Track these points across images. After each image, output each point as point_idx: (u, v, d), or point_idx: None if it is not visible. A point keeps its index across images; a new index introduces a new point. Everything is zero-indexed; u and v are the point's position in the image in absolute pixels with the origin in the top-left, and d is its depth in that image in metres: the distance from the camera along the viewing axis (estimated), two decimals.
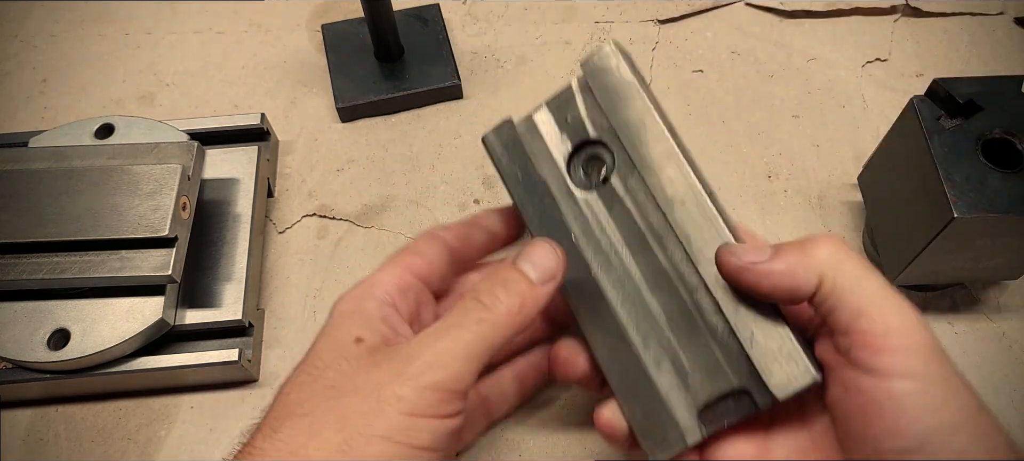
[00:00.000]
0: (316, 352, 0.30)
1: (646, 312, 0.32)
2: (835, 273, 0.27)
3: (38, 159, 0.43)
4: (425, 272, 0.34)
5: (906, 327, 0.26)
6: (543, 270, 0.31)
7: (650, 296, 0.33)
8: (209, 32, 0.61)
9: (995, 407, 0.43)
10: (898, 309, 0.27)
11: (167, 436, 0.44)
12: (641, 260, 0.33)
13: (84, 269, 0.40)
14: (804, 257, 0.28)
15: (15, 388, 0.43)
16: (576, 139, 0.34)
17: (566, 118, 0.34)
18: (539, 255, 0.31)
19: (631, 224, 0.33)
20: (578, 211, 0.33)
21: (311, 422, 0.26)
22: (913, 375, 0.26)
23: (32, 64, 0.60)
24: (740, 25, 0.60)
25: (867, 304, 0.27)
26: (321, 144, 0.55)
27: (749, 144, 0.54)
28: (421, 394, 0.27)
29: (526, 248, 0.32)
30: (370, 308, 0.31)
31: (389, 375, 0.27)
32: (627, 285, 0.33)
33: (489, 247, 0.37)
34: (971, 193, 0.37)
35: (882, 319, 0.26)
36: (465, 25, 0.61)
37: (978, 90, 0.40)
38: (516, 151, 0.34)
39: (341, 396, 0.27)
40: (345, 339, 0.29)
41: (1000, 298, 0.47)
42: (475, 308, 0.29)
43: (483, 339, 0.28)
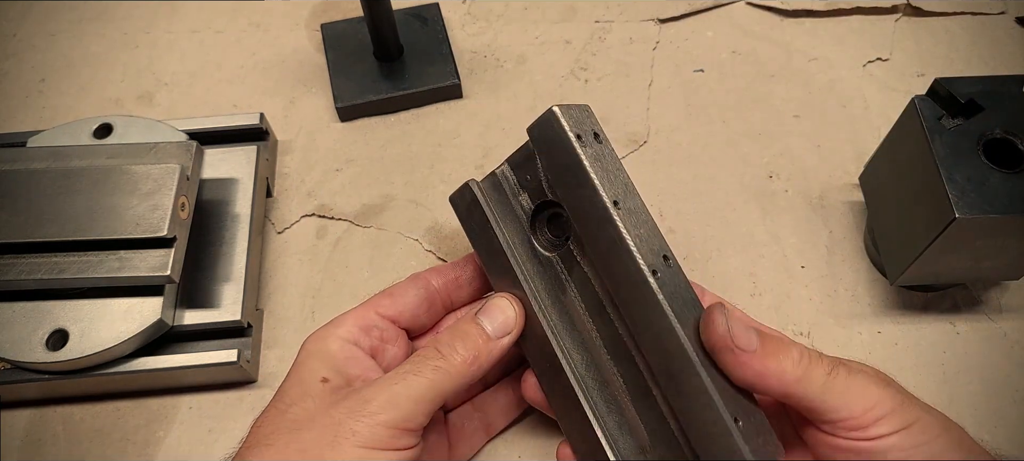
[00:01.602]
0: (285, 390, 0.33)
1: (604, 379, 0.32)
2: (804, 388, 0.30)
3: (37, 159, 0.43)
4: (393, 313, 0.36)
5: (879, 397, 0.30)
6: (500, 325, 0.33)
7: (611, 363, 0.32)
8: (208, 31, 0.61)
9: (997, 407, 0.43)
10: (862, 386, 0.30)
11: (166, 437, 0.44)
12: (600, 325, 0.32)
13: (82, 269, 0.40)
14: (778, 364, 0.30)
15: (14, 388, 0.42)
16: (536, 200, 0.33)
17: (527, 176, 0.33)
18: (497, 310, 0.34)
19: (589, 289, 0.32)
20: (541, 270, 0.33)
21: (274, 452, 0.30)
22: (902, 429, 0.30)
23: (31, 63, 0.59)
24: (741, 24, 0.60)
25: (839, 396, 0.30)
26: (320, 144, 0.55)
27: (750, 144, 0.54)
28: (374, 430, 0.30)
29: (487, 302, 0.34)
30: (333, 348, 0.34)
31: (347, 413, 0.30)
32: (588, 350, 0.33)
33: (480, 290, 0.39)
34: (972, 193, 0.37)
35: (860, 402, 0.30)
36: (465, 24, 0.61)
37: (979, 90, 0.40)
38: (478, 210, 0.34)
39: (303, 430, 0.30)
40: (311, 379, 0.33)
41: (1001, 298, 0.47)
42: (432, 357, 0.32)
43: (435, 386, 0.31)
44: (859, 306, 0.47)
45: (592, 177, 0.30)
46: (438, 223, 0.51)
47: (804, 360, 0.30)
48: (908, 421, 0.30)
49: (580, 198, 0.30)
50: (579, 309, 0.33)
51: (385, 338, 0.36)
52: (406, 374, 0.31)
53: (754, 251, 0.49)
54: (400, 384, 0.31)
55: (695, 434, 0.29)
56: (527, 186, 0.33)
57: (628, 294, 0.30)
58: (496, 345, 0.33)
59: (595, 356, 0.32)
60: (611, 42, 0.59)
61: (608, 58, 0.58)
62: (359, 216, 0.51)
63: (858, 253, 0.49)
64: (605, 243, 0.30)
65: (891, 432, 0.30)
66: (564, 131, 0.30)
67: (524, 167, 0.33)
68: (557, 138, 0.30)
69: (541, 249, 0.34)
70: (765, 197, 0.51)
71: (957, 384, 0.44)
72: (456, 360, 0.32)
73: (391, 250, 0.50)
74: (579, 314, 0.33)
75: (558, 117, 0.30)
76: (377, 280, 0.49)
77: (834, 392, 0.30)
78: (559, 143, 0.30)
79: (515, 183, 0.34)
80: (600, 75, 0.57)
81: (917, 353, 0.45)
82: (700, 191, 0.52)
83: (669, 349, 0.29)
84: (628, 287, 0.29)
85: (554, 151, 0.30)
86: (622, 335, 0.32)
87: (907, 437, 0.30)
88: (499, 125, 0.55)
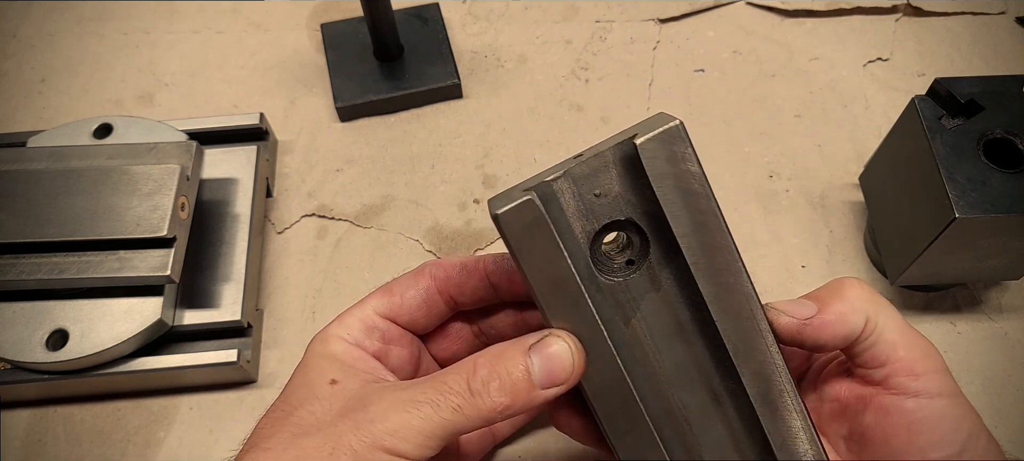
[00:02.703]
0: (291, 391, 0.31)
1: (670, 407, 0.31)
2: (875, 313, 0.30)
3: (36, 159, 0.43)
4: (394, 314, 0.34)
5: (931, 352, 0.30)
6: (551, 375, 0.28)
7: (675, 390, 0.31)
8: (208, 31, 0.61)
9: (998, 407, 0.43)
10: (920, 338, 0.31)
11: (166, 437, 0.44)
12: (668, 353, 0.30)
13: (83, 269, 0.40)
14: (846, 303, 0.30)
15: (14, 389, 0.42)
16: (606, 218, 0.29)
17: (595, 191, 0.28)
18: (555, 357, 0.28)
19: (662, 316, 0.30)
20: (604, 299, 0.29)
21: (273, 456, 0.28)
22: (946, 393, 0.30)
23: (30, 64, 0.59)
24: (741, 24, 0.60)
25: (900, 336, 0.30)
26: (320, 144, 0.55)
27: (751, 144, 0.54)
28: (373, 452, 0.27)
29: (547, 340, 0.29)
30: (338, 351, 0.32)
31: (351, 427, 0.28)
32: (654, 379, 0.30)
33: (486, 299, 0.35)
34: (973, 193, 0.37)
35: (916, 347, 0.30)
36: (465, 24, 0.60)
37: (980, 90, 0.40)
38: (542, 231, 0.28)
39: (304, 436, 0.28)
40: (319, 381, 0.30)
41: (1002, 298, 0.47)
42: (460, 391, 0.28)
43: (452, 425, 0.28)
44: None
45: (716, 206, 0.28)
46: (439, 223, 0.51)
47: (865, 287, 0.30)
48: (954, 389, 0.30)
49: (700, 220, 0.28)
50: (644, 337, 0.30)
51: (388, 339, 0.34)
52: (424, 403, 0.28)
53: (755, 251, 0.49)
54: (413, 413, 0.27)
55: (784, 451, 0.30)
56: (593, 203, 0.29)
57: (737, 322, 0.29)
58: (538, 396, 0.28)
59: (659, 384, 0.31)
60: (612, 42, 0.59)
61: (609, 58, 0.58)
62: (359, 216, 0.51)
63: (859, 253, 0.49)
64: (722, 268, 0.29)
65: (940, 394, 0.30)
66: (689, 149, 0.28)
67: (593, 180, 0.28)
68: (680, 156, 0.28)
69: (605, 275, 0.29)
70: (766, 197, 0.51)
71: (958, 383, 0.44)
72: (485, 405, 0.28)
73: (392, 251, 0.50)
74: (643, 342, 0.30)
75: (683, 131, 0.28)
76: (378, 281, 0.49)
77: (896, 325, 0.30)
78: (682, 162, 0.28)
79: (578, 197, 0.29)
80: (601, 75, 0.57)
81: None
82: None
83: (771, 375, 0.30)
84: (738, 317, 0.29)
85: (674, 166, 0.28)
86: (693, 360, 0.30)
87: (952, 406, 0.30)
88: (500, 125, 0.55)
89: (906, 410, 0.30)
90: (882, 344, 0.30)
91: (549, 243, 0.28)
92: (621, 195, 0.29)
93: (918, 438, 0.29)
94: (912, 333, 0.30)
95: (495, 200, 0.28)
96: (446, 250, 0.50)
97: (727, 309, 0.29)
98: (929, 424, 0.29)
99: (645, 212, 0.29)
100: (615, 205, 0.28)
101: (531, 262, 0.28)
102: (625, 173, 0.28)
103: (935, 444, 0.29)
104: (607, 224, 0.29)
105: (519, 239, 0.28)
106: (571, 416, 0.33)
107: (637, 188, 0.28)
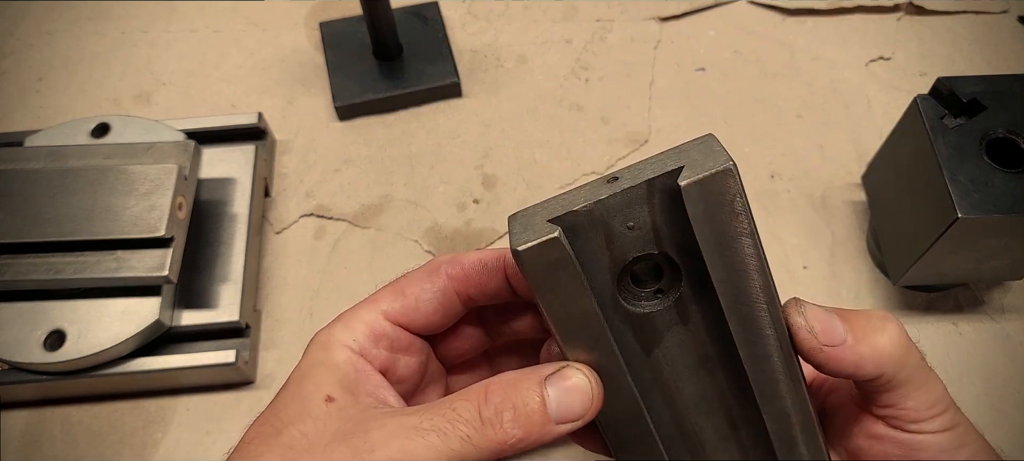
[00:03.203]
0: (283, 404, 0.28)
1: (687, 433, 0.30)
2: (904, 361, 0.28)
3: (34, 158, 0.43)
4: (406, 319, 0.31)
5: (942, 394, 0.29)
6: (568, 409, 0.27)
7: (693, 417, 0.30)
8: (206, 31, 0.61)
9: (999, 408, 0.43)
10: (933, 380, 0.29)
11: (163, 438, 0.43)
12: (689, 383, 0.29)
13: (80, 270, 0.40)
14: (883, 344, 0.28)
15: (11, 389, 0.42)
16: (637, 251, 0.27)
17: (627, 223, 0.27)
18: (574, 391, 0.27)
19: (687, 349, 0.29)
20: (627, 330, 0.28)
21: None
22: (951, 427, 0.29)
23: (28, 63, 0.59)
24: (742, 23, 0.60)
25: (916, 385, 0.29)
26: (319, 143, 0.54)
27: (752, 144, 0.53)
28: None
29: (565, 372, 0.27)
30: (340, 360, 0.29)
31: (348, 455, 0.25)
32: (673, 408, 0.30)
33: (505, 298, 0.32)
34: (975, 193, 0.37)
35: (927, 395, 0.29)
36: (465, 23, 0.60)
37: (982, 89, 0.40)
38: (568, 270, 0.26)
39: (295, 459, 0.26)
40: (314, 396, 0.28)
41: (1004, 298, 0.47)
42: (470, 421, 0.26)
43: (459, 455, 0.25)
44: (861, 306, 0.47)
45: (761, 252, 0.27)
46: (438, 224, 0.51)
47: (902, 337, 0.28)
48: (956, 422, 0.29)
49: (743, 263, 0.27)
50: (666, 367, 0.29)
51: (396, 347, 0.31)
52: (429, 431, 0.26)
53: None
54: (418, 442, 0.25)
55: None
56: (625, 234, 0.27)
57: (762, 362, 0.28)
58: (552, 431, 0.26)
59: (677, 412, 0.30)
60: (612, 41, 0.59)
61: (609, 57, 0.58)
62: (358, 216, 0.51)
63: (860, 253, 0.49)
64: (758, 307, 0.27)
65: (942, 430, 0.29)
66: (740, 190, 0.26)
67: (627, 212, 0.27)
68: (730, 195, 0.26)
69: (631, 303, 0.28)
70: (767, 197, 0.51)
71: (960, 384, 0.44)
72: (497, 437, 0.26)
73: (390, 251, 0.50)
74: (664, 372, 0.29)
75: (735, 171, 0.26)
76: (376, 281, 0.48)
77: (918, 380, 0.28)
78: (731, 204, 0.26)
79: (608, 228, 0.27)
80: (601, 74, 0.57)
81: None
82: None
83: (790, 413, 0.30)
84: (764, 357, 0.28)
85: (723, 207, 0.26)
86: (715, 390, 0.30)
87: (953, 438, 0.29)
88: (499, 125, 0.55)
89: (901, 441, 0.30)
90: (895, 392, 0.29)
91: (573, 281, 0.26)
92: (656, 228, 0.27)
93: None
94: (928, 378, 0.29)
95: (516, 228, 0.26)
96: (445, 251, 0.49)
97: (757, 355, 0.28)
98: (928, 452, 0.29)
99: (680, 245, 0.27)
100: (648, 239, 0.27)
101: (552, 299, 0.27)
102: (663, 206, 0.26)
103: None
104: (638, 257, 0.27)
105: (541, 277, 0.26)
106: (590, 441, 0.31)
107: (675, 221, 0.26)
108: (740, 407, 0.30)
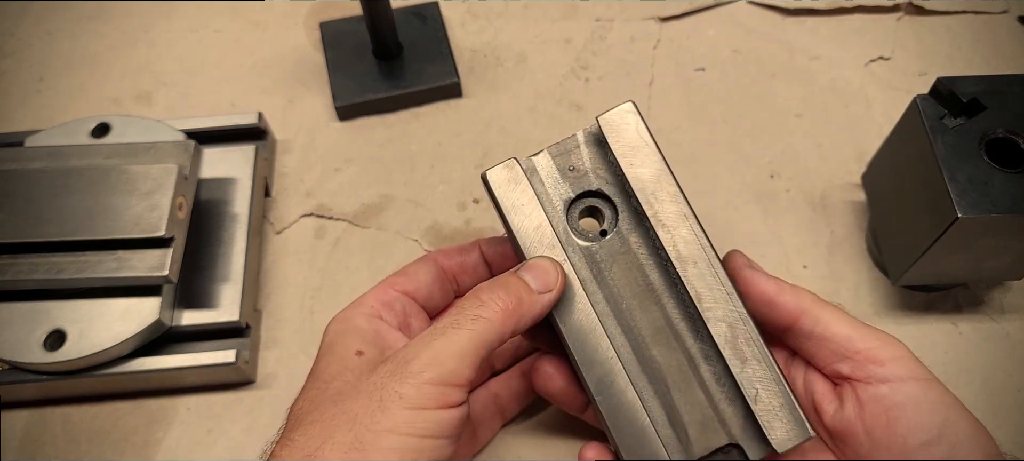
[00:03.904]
0: (320, 369, 0.32)
1: (647, 365, 0.33)
2: (817, 308, 0.33)
3: (34, 158, 0.43)
4: (410, 289, 0.36)
5: (891, 341, 0.32)
6: (543, 282, 0.32)
7: (651, 350, 0.34)
8: (206, 30, 0.61)
9: (999, 407, 0.43)
10: (876, 331, 0.32)
11: (164, 438, 0.43)
12: (641, 314, 0.34)
13: (80, 269, 0.40)
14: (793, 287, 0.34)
15: (12, 389, 0.42)
16: (578, 189, 0.34)
17: (569, 166, 0.35)
18: (538, 269, 0.32)
19: (633, 278, 0.34)
20: (580, 258, 0.34)
21: (322, 427, 0.28)
22: (916, 376, 0.31)
23: (29, 62, 0.59)
24: (742, 23, 0.60)
25: (853, 330, 0.32)
26: (319, 143, 0.54)
27: (751, 143, 0.53)
28: (420, 390, 0.28)
29: (529, 262, 0.33)
30: (360, 323, 0.34)
31: (389, 376, 0.29)
32: (630, 337, 0.33)
33: (484, 276, 0.38)
34: (974, 193, 0.37)
35: (872, 337, 0.32)
36: (464, 23, 0.60)
37: (982, 89, 0.40)
38: (522, 186, 0.34)
39: (347, 400, 0.29)
40: (346, 353, 0.32)
41: (1004, 298, 0.47)
42: (472, 306, 0.31)
43: (477, 337, 0.30)
44: (861, 306, 0.47)
45: (663, 159, 0.33)
46: (438, 223, 0.51)
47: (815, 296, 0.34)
48: (927, 376, 0.31)
49: (654, 181, 0.33)
50: (620, 298, 0.34)
51: (408, 312, 0.36)
52: (446, 329, 0.30)
53: (756, 251, 0.49)
54: (441, 339, 0.30)
55: (761, 408, 0.32)
56: (569, 176, 0.34)
57: (695, 274, 0.33)
58: (539, 300, 0.32)
59: (635, 344, 0.33)
60: (612, 41, 0.59)
61: (609, 57, 0.58)
62: (358, 216, 0.51)
63: (860, 253, 0.49)
64: (677, 217, 0.33)
65: (912, 377, 0.31)
66: (640, 122, 0.34)
67: (567, 157, 0.35)
68: (632, 127, 0.34)
69: (581, 239, 0.34)
70: (767, 197, 0.51)
71: (959, 384, 0.44)
72: (497, 308, 0.31)
73: (391, 251, 0.50)
74: (620, 303, 0.34)
75: (635, 109, 0.34)
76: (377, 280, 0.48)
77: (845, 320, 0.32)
78: (635, 133, 0.34)
79: (556, 171, 0.35)
80: (601, 74, 0.57)
81: (919, 353, 0.44)
82: (701, 191, 0.51)
83: (738, 329, 0.32)
84: (700, 264, 0.33)
85: (627, 138, 0.34)
86: (663, 323, 0.33)
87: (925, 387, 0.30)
88: (499, 124, 0.55)
89: (880, 397, 0.31)
90: (832, 338, 0.32)
91: (527, 196, 0.34)
92: (591, 170, 0.35)
93: (897, 425, 0.30)
94: (867, 327, 0.32)
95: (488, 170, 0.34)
96: None
97: (687, 257, 0.33)
98: (904, 409, 0.30)
99: (614, 185, 0.34)
100: (587, 179, 0.35)
101: (513, 213, 0.34)
102: (594, 151, 0.35)
103: (913, 429, 0.30)
104: (581, 194, 0.34)
105: (503, 192, 0.34)
106: (550, 377, 0.35)
107: (605, 163, 0.34)
108: (694, 340, 0.33)
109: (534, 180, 0.34)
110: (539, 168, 0.34)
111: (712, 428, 0.33)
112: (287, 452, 0.28)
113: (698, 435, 0.33)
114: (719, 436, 0.33)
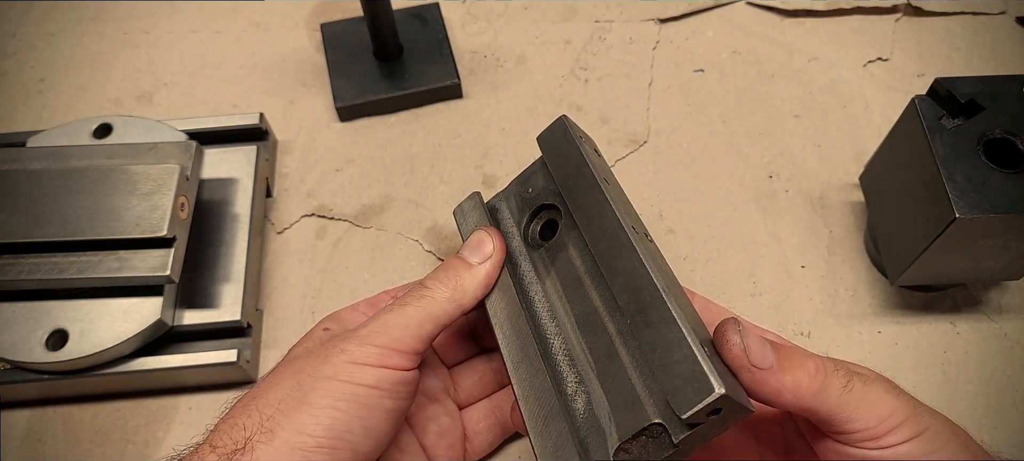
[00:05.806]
0: (292, 347, 0.36)
1: (574, 353, 0.34)
2: (817, 401, 0.29)
3: (36, 159, 0.43)
4: None
5: (895, 407, 0.29)
6: (480, 252, 0.36)
7: (579, 336, 0.34)
8: (208, 31, 0.61)
9: (998, 408, 0.43)
10: (876, 397, 0.29)
11: (165, 437, 0.43)
12: (575, 304, 0.35)
13: (82, 269, 0.40)
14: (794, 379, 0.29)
15: (13, 389, 0.42)
16: (533, 205, 0.39)
17: (528, 191, 0.39)
18: (475, 242, 0.37)
19: (570, 270, 0.36)
20: (528, 267, 0.37)
21: (271, 377, 0.32)
22: (914, 437, 0.29)
23: (30, 63, 0.59)
24: (741, 24, 0.60)
25: (852, 408, 0.29)
26: (320, 144, 0.55)
27: (750, 144, 0.54)
28: (363, 347, 0.32)
29: (467, 240, 0.38)
30: (343, 314, 0.37)
31: (340, 339, 0.33)
32: (561, 328, 0.35)
33: None
34: (973, 193, 0.37)
35: (873, 413, 0.29)
36: (465, 24, 0.60)
37: (980, 90, 0.40)
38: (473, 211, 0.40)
39: (299, 359, 0.33)
40: (316, 332, 0.36)
41: (1002, 298, 0.47)
42: (418, 289, 0.35)
43: (422, 311, 0.34)
44: (859, 306, 0.47)
45: (586, 159, 0.36)
46: (438, 224, 0.51)
47: (820, 373, 0.29)
48: (920, 429, 0.29)
49: (574, 177, 0.36)
50: (557, 291, 0.36)
51: None
52: (395, 305, 0.34)
53: (754, 251, 0.49)
54: (389, 313, 0.33)
55: (666, 376, 0.29)
56: (528, 198, 0.39)
57: (607, 245, 0.33)
58: (480, 270, 0.36)
59: (565, 334, 0.35)
60: (611, 42, 0.59)
61: (608, 58, 0.58)
62: (359, 216, 0.51)
63: (858, 253, 0.49)
64: (593, 207, 0.35)
65: (904, 440, 0.29)
66: (569, 131, 0.37)
67: (527, 183, 0.39)
68: (562, 132, 0.38)
69: (530, 249, 0.38)
70: (765, 197, 0.51)
71: (957, 384, 0.44)
72: (440, 285, 0.35)
73: (391, 251, 0.50)
74: (554, 296, 0.36)
75: (567, 120, 0.38)
76: (377, 281, 0.49)
77: (849, 404, 0.29)
78: (562, 136, 0.38)
79: (516, 198, 0.39)
80: (600, 75, 0.57)
81: (917, 353, 0.45)
82: (700, 191, 0.51)
83: (640, 285, 0.31)
84: (608, 239, 0.33)
85: (556, 144, 0.38)
86: (596, 306, 0.34)
87: (919, 444, 0.29)
88: (499, 125, 0.55)
89: (872, 458, 0.30)
90: (836, 421, 0.29)
91: (481, 216, 0.39)
92: (545, 187, 0.39)
93: None
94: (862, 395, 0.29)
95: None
96: (445, 251, 0.50)
97: (599, 232, 0.34)
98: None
99: (558, 194, 0.37)
100: (541, 195, 0.39)
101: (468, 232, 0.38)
102: (547, 172, 0.39)
103: None
104: (535, 209, 0.38)
105: (464, 216, 0.40)
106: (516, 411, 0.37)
107: (550, 176, 0.38)
108: (619, 319, 0.33)
109: (502, 214, 0.40)
110: (505, 200, 0.40)
111: (638, 408, 0.30)
112: (240, 402, 0.32)
113: (623, 417, 0.30)
114: (644, 416, 0.30)
